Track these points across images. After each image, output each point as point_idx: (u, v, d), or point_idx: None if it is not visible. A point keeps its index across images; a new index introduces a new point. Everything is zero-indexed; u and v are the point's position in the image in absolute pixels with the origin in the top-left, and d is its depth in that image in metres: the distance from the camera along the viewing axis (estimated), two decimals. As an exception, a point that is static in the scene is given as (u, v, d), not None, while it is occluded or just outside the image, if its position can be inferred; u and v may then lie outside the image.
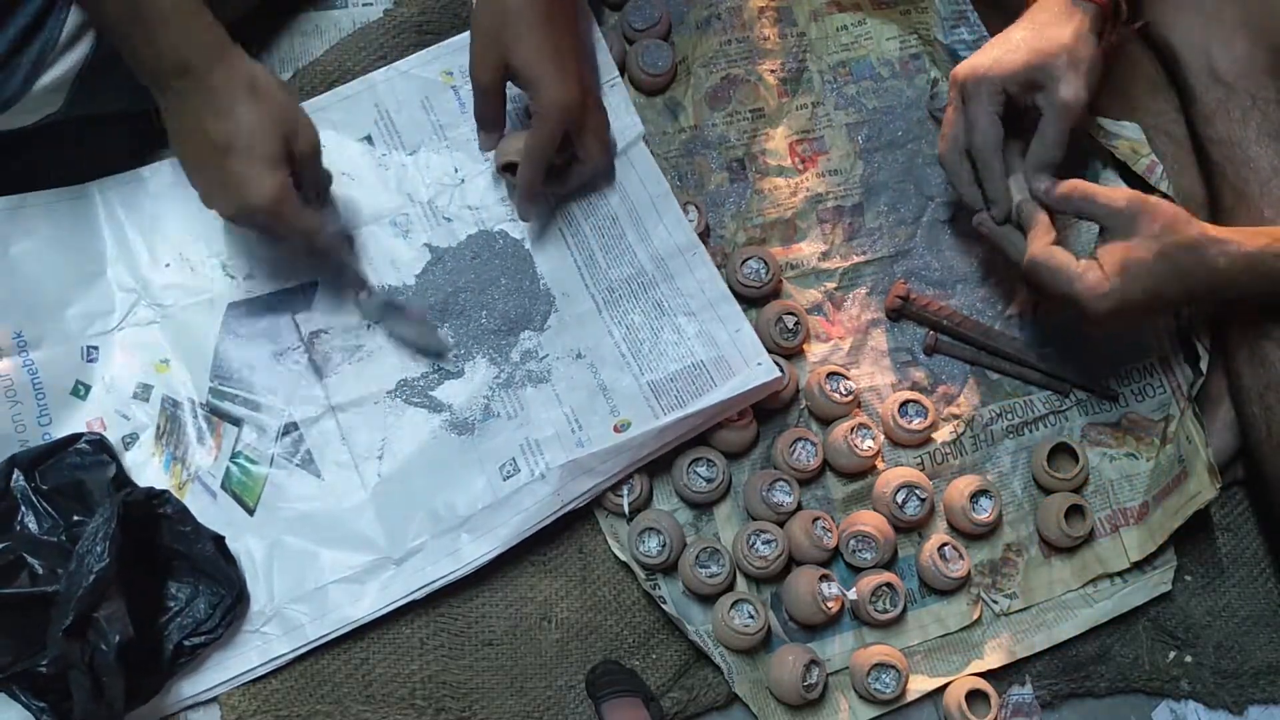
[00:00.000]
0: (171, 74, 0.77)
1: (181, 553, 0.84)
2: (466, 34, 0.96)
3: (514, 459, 0.88)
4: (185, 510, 0.84)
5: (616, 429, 0.87)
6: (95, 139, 0.93)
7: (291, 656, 0.85)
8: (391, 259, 0.92)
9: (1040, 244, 0.80)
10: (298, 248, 0.86)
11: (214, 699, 0.85)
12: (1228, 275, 0.77)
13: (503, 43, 0.81)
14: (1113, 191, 0.79)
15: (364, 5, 0.99)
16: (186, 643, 0.82)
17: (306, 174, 0.83)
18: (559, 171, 0.89)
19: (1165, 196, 0.92)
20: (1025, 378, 0.93)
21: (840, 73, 0.98)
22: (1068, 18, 0.82)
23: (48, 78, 0.81)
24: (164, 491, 0.84)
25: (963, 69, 0.83)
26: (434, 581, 0.86)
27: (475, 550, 0.86)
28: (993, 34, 0.96)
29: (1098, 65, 0.82)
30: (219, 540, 0.84)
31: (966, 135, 0.83)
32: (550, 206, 0.93)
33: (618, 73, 0.94)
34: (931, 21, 0.97)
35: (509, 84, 0.86)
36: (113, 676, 0.76)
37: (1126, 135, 0.91)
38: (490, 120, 0.90)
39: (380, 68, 0.95)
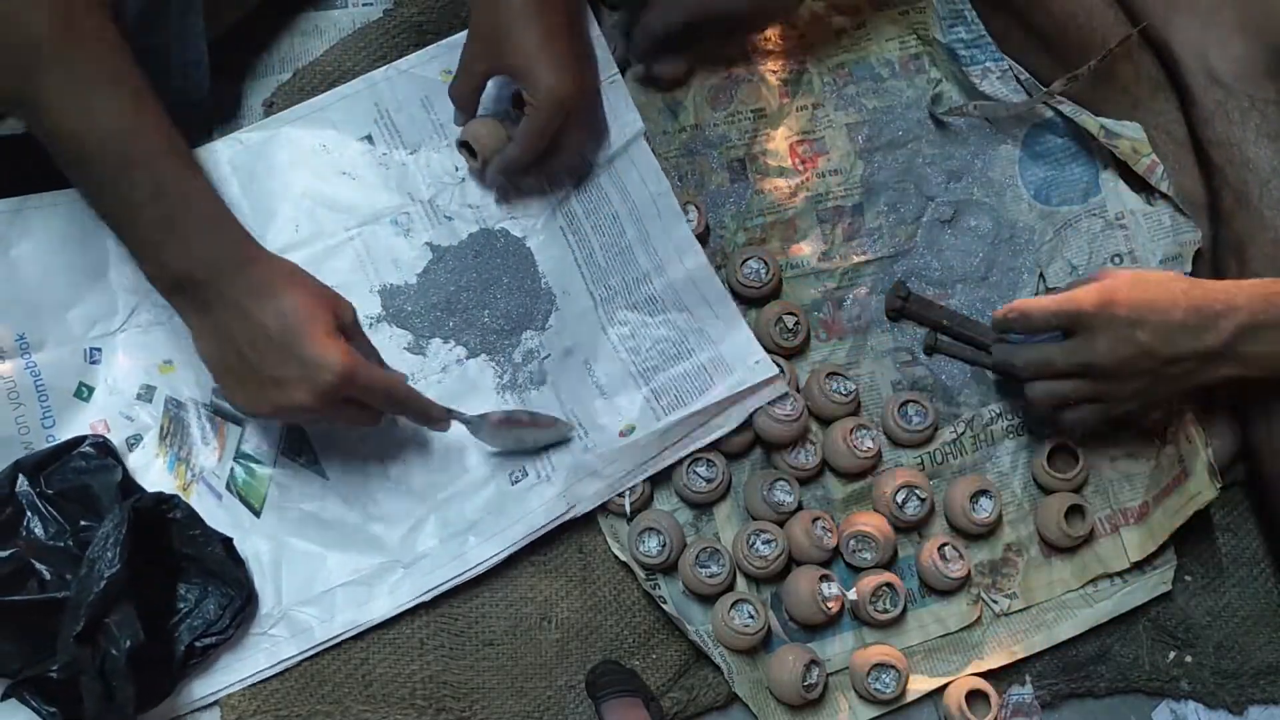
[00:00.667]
0: (207, 278, 0.76)
1: (191, 556, 0.84)
2: (466, 32, 0.96)
3: (521, 463, 0.88)
4: (194, 514, 0.84)
5: (622, 434, 0.87)
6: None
7: (300, 659, 0.85)
8: (393, 258, 0.92)
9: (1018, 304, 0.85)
10: (380, 412, 0.82)
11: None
12: (1236, 291, 0.79)
13: (498, 39, 0.82)
14: (1066, 300, 0.82)
15: (364, 5, 0.99)
16: (198, 644, 0.83)
17: (357, 343, 0.81)
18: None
19: (1166, 197, 0.92)
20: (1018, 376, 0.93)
21: (840, 73, 0.98)
22: None
23: None
24: (173, 496, 0.84)
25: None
26: (442, 585, 0.86)
27: (482, 553, 0.86)
28: (993, 34, 0.96)
29: None
30: (227, 542, 0.85)
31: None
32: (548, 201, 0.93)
33: (617, 70, 0.94)
34: (931, 22, 0.97)
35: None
36: (124, 681, 0.76)
37: (1127, 135, 0.91)
38: (466, 105, 0.89)
39: (380, 67, 0.95)
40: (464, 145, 0.90)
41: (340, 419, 0.79)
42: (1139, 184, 0.94)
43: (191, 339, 0.79)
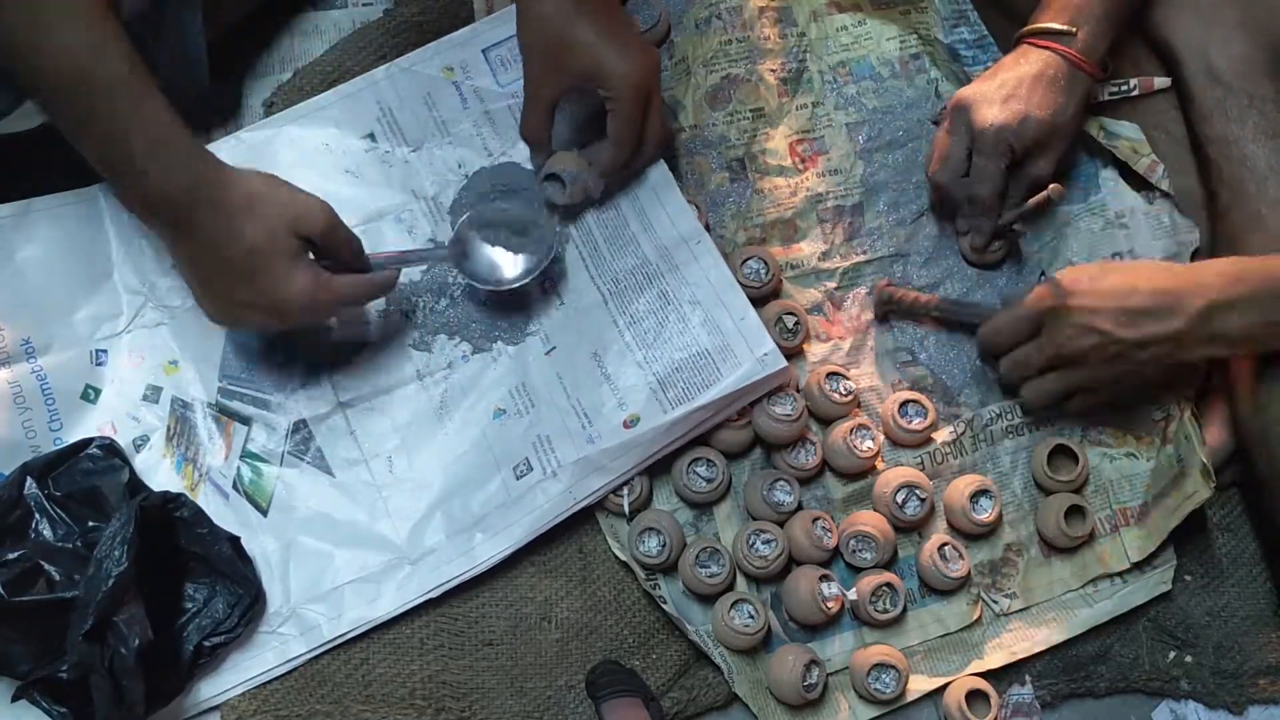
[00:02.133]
0: (163, 209, 0.76)
1: (199, 554, 0.84)
2: (466, 29, 0.96)
3: (527, 458, 0.88)
4: (201, 512, 0.85)
5: (626, 425, 0.87)
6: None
7: (309, 657, 0.86)
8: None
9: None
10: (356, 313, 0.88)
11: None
12: (1203, 268, 0.82)
13: (556, 54, 0.81)
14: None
15: (364, 5, 0.99)
16: (206, 643, 0.83)
17: (334, 246, 0.82)
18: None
19: (1166, 196, 0.91)
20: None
21: (840, 73, 0.97)
22: (1072, 89, 0.87)
23: None
24: (180, 495, 0.84)
25: (984, 119, 0.86)
26: (449, 581, 0.86)
27: (489, 549, 0.86)
28: (993, 34, 0.95)
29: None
30: (235, 541, 0.85)
31: (973, 182, 0.89)
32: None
33: None
34: (932, 21, 0.96)
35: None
36: (133, 679, 0.77)
37: (1126, 135, 0.91)
38: (541, 139, 0.88)
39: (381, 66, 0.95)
40: (551, 178, 0.89)
41: (305, 326, 0.85)
42: (1139, 183, 0.93)
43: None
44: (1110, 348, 0.81)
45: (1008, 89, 0.86)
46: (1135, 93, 0.93)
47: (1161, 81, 0.93)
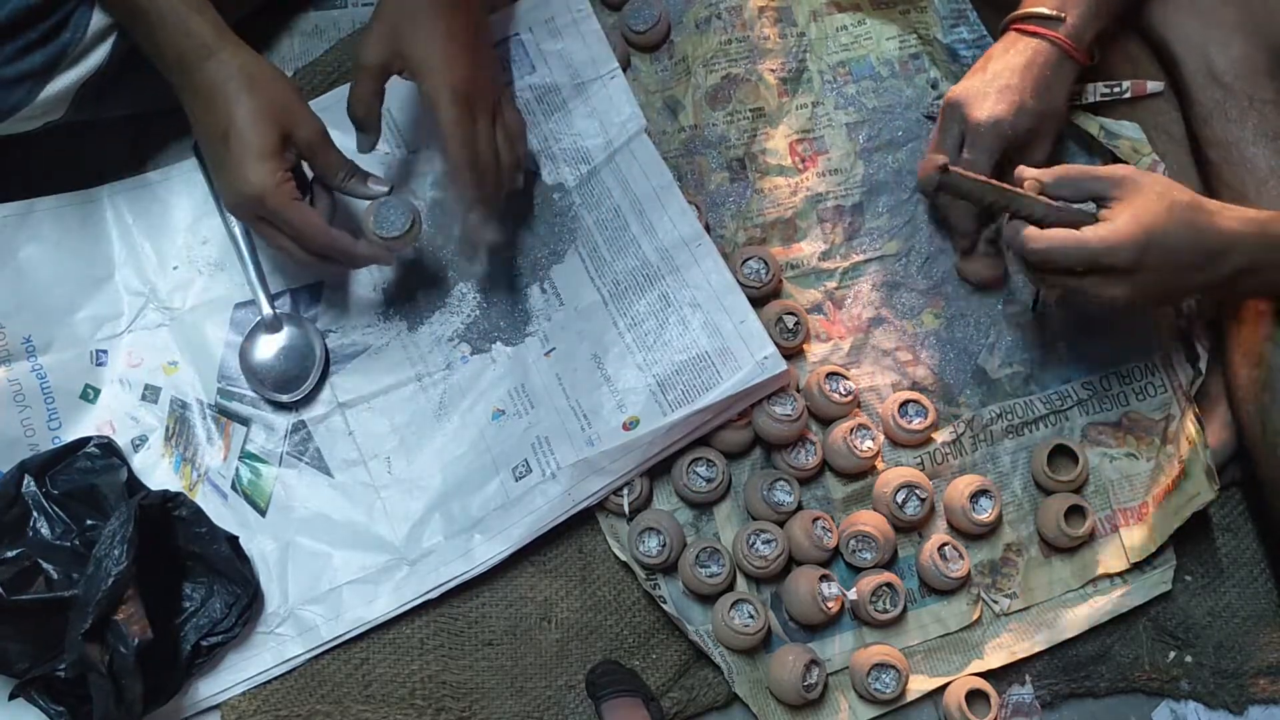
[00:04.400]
0: (172, 68, 0.78)
1: (197, 554, 0.85)
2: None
3: (525, 460, 0.88)
4: (200, 512, 0.85)
5: (625, 426, 0.87)
6: (97, 142, 0.94)
7: (306, 658, 0.86)
8: (396, 257, 0.93)
9: (1036, 231, 0.79)
10: (296, 248, 0.82)
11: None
12: (1239, 237, 0.77)
13: (399, 27, 0.80)
14: (1107, 166, 0.80)
15: (364, 5, 1.00)
16: (204, 643, 0.84)
17: (318, 163, 0.82)
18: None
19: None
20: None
21: (840, 72, 0.97)
22: (1061, 75, 0.87)
23: (55, 87, 0.82)
24: (179, 494, 0.85)
25: (979, 114, 0.85)
26: (447, 582, 0.86)
27: (488, 550, 0.86)
28: (992, 33, 0.95)
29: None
30: (234, 540, 0.85)
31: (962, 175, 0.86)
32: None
33: (617, 65, 0.93)
34: (931, 21, 0.97)
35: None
36: (132, 678, 0.77)
37: (1127, 135, 0.91)
38: (367, 115, 0.84)
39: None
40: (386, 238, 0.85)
41: (268, 237, 0.82)
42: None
43: None
44: (1153, 290, 0.78)
45: (1001, 81, 0.86)
46: (1128, 95, 0.93)
47: (1155, 85, 0.93)
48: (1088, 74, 0.90)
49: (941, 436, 0.91)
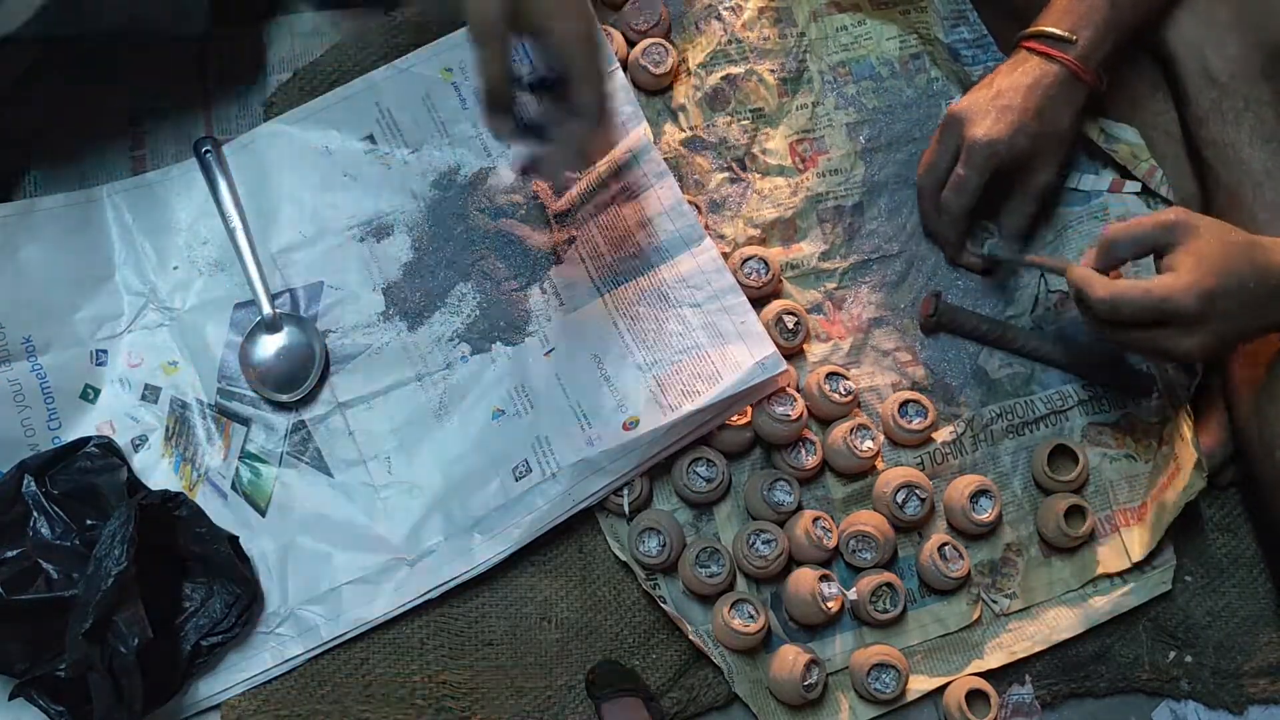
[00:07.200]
0: None
1: (197, 554, 0.85)
2: (465, 29, 0.96)
3: (526, 459, 0.88)
4: (200, 512, 0.85)
5: (625, 427, 0.87)
6: (97, 142, 0.94)
7: (306, 658, 0.86)
8: (397, 257, 0.93)
9: (1103, 281, 0.77)
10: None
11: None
12: None
13: None
14: (1155, 214, 0.79)
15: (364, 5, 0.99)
16: (204, 643, 0.84)
17: (545, 50, 0.75)
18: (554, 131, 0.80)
19: (1166, 201, 0.91)
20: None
21: (840, 72, 0.97)
22: (1069, 98, 0.87)
23: None
24: (179, 494, 0.85)
25: (975, 133, 0.86)
26: (447, 582, 0.86)
27: (488, 550, 0.86)
28: (993, 33, 0.95)
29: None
30: (234, 540, 0.85)
31: (949, 191, 0.88)
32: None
33: (617, 64, 0.93)
34: (932, 21, 0.97)
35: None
36: (132, 678, 0.77)
37: (1126, 139, 0.91)
38: (500, 90, 0.74)
39: (380, 67, 0.95)
40: (528, 170, 0.86)
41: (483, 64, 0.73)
42: (1140, 185, 0.93)
43: None
44: (1213, 343, 0.77)
45: (1003, 100, 0.86)
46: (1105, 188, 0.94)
47: (1131, 185, 0.93)
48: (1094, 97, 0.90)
49: (941, 436, 0.91)
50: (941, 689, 0.87)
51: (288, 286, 0.93)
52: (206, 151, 0.93)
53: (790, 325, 0.90)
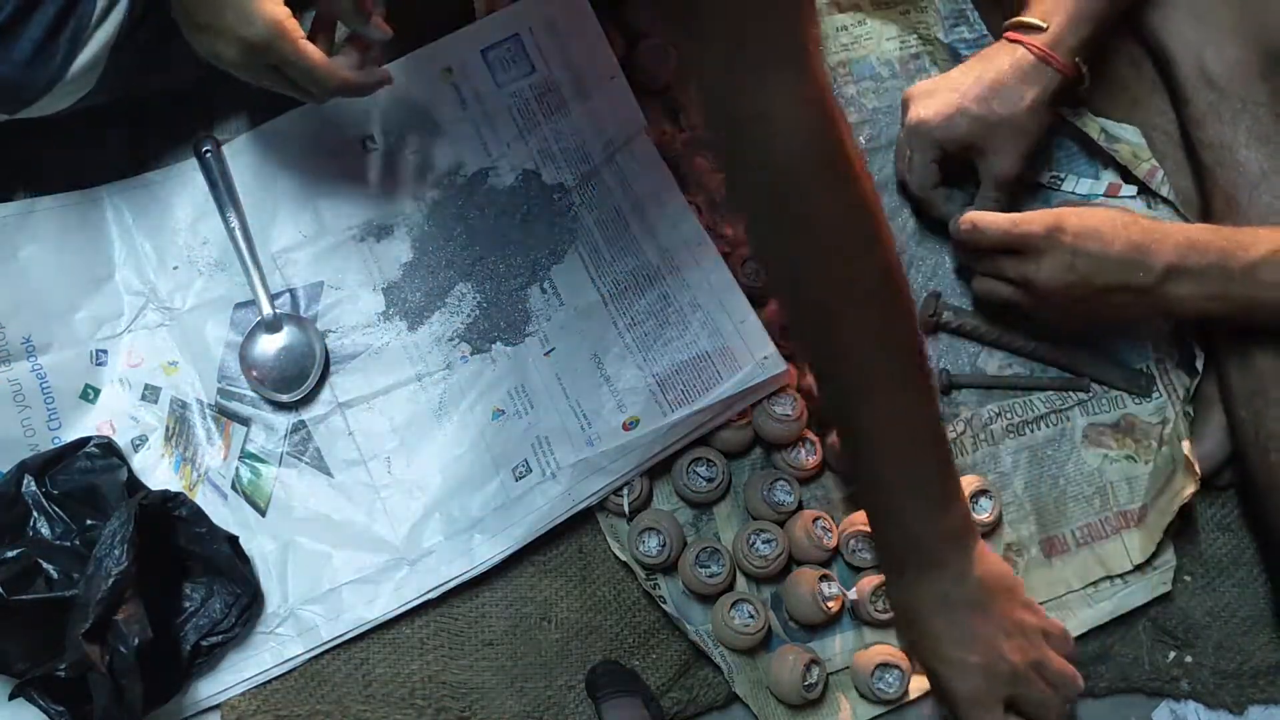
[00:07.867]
0: None
1: (197, 554, 0.84)
2: (465, 29, 0.96)
3: (526, 459, 0.88)
4: (200, 512, 0.85)
5: (625, 427, 0.87)
6: (97, 142, 0.94)
7: (306, 658, 0.86)
8: (396, 257, 0.93)
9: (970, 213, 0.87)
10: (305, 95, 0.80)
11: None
12: (1165, 231, 0.81)
13: None
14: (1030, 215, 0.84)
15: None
16: (204, 643, 0.83)
17: (316, 31, 0.79)
18: None
19: (1167, 202, 0.92)
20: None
21: (841, 73, 0.97)
22: (1027, 82, 0.87)
23: (85, 56, 0.81)
24: (179, 494, 0.85)
25: (913, 114, 0.89)
26: (447, 582, 0.86)
27: (488, 550, 0.86)
28: (993, 33, 0.96)
29: (1045, 130, 0.89)
30: (234, 540, 0.85)
31: (907, 171, 0.91)
32: None
33: (617, 64, 0.93)
34: (932, 21, 0.97)
35: None
36: (133, 678, 0.77)
37: (1127, 139, 0.91)
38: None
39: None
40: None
41: (271, 84, 0.78)
42: (1139, 187, 0.93)
43: None
44: (1080, 289, 0.82)
45: (949, 84, 0.88)
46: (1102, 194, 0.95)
47: (1128, 189, 0.94)
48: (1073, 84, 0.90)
49: (941, 436, 0.91)
50: (941, 689, 0.87)
51: (288, 286, 0.93)
52: (206, 151, 0.93)
53: (790, 325, 0.90)
